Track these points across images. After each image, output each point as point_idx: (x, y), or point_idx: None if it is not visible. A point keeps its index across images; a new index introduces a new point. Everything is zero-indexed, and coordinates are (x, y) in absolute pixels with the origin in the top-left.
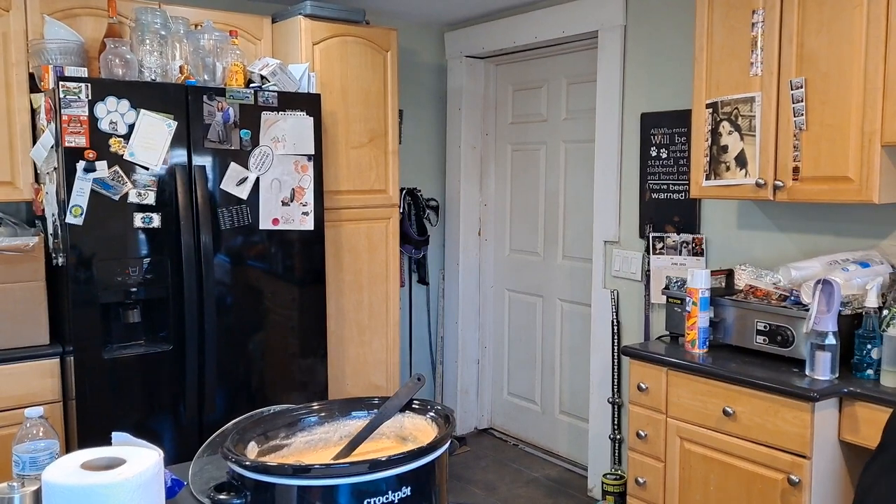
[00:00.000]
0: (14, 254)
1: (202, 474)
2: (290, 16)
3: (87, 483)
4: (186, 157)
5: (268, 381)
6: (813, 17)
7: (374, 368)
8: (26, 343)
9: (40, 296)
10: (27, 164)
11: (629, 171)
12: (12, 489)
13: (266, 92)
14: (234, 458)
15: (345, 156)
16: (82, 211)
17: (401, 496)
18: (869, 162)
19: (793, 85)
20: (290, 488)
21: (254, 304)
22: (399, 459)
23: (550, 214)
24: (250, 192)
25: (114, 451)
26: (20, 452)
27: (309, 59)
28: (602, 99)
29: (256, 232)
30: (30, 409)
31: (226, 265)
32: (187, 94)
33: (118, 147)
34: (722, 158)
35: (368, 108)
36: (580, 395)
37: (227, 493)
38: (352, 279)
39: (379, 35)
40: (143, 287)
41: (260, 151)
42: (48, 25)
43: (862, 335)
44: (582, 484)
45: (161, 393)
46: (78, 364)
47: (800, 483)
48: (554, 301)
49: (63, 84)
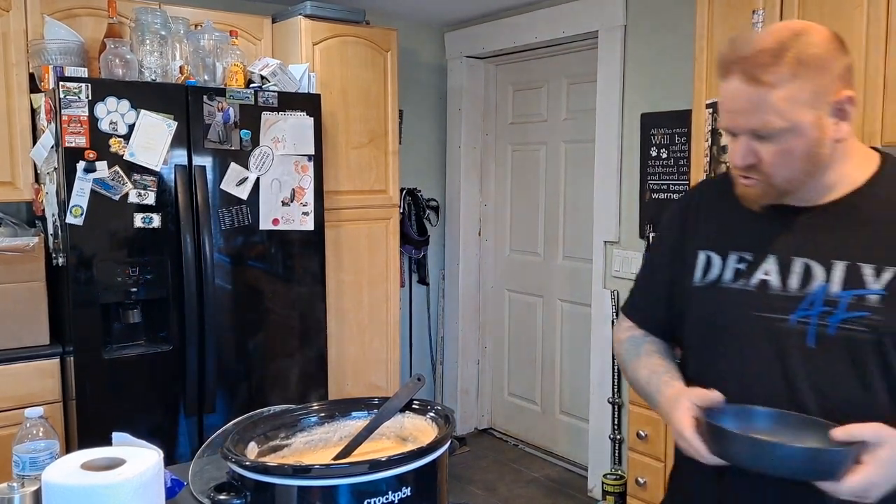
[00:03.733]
0: (14, 254)
1: (202, 474)
2: (291, 16)
3: (87, 483)
4: (186, 158)
5: (268, 382)
6: (813, 17)
7: (374, 368)
8: (26, 343)
9: (40, 296)
10: (27, 165)
11: (629, 171)
12: (12, 489)
13: (266, 92)
14: (234, 458)
15: (345, 156)
16: (82, 211)
17: (401, 496)
18: None
19: None
20: (290, 488)
21: (254, 305)
22: (399, 460)
23: (550, 214)
24: (250, 193)
25: (114, 451)
26: (20, 453)
27: (309, 60)
28: (602, 99)
29: (256, 232)
30: (30, 409)
31: (226, 265)
32: (187, 94)
33: (118, 147)
34: (722, 159)
35: (368, 108)
36: (580, 395)
37: (227, 494)
38: (352, 279)
39: (379, 35)
40: (143, 287)
41: (260, 152)
42: (48, 25)
43: None
44: (582, 484)
45: (161, 393)
46: (78, 364)
47: None
48: (554, 301)
49: (63, 84)
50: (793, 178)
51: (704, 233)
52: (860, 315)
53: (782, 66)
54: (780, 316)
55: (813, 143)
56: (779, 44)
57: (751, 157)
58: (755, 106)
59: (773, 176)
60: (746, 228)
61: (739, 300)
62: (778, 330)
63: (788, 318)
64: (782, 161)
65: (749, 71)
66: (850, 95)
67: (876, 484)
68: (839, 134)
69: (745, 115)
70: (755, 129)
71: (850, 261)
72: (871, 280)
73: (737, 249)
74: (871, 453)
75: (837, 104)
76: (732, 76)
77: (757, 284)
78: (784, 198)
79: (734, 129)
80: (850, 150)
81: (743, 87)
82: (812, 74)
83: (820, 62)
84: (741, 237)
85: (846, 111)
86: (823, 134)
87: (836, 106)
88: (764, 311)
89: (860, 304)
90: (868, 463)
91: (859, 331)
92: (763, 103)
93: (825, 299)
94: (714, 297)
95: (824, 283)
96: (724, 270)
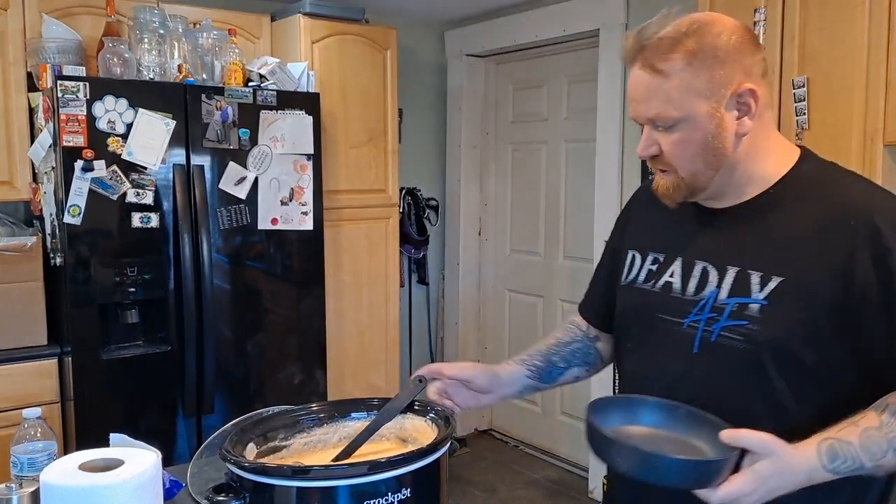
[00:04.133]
0: (12, 254)
1: (201, 475)
2: (290, 14)
3: (85, 484)
4: (185, 157)
5: (267, 382)
6: (815, 16)
7: (373, 369)
8: (24, 343)
9: (38, 296)
10: (25, 164)
11: (630, 170)
12: (10, 490)
13: (265, 91)
14: (232, 459)
15: (344, 155)
16: (80, 210)
17: (400, 498)
18: (871, 161)
19: (795, 84)
20: (289, 490)
21: (253, 305)
22: (399, 461)
23: (551, 214)
24: (249, 192)
25: (112, 452)
26: (18, 453)
27: (308, 58)
28: (603, 98)
29: (255, 232)
30: (27, 409)
31: (224, 265)
32: (186, 93)
33: (116, 146)
34: None
35: (368, 107)
36: (581, 395)
37: (225, 495)
38: (351, 279)
39: (378, 34)
40: (141, 287)
41: (259, 151)
42: (46, 24)
43: None
44: (583, 485)
45: (159, 394)
46: (76, 365)
47: None
48: (555, 301)
49: (61, 83)
50: (696, 171)
51: (635, 232)
52: (739, 324)
53: (677, 54)
54: (676, 319)
55: (711, 136)
56: (678, 33)
57: (652, 147)
58: (651, 94)
59: (677, 168)
60: (666, 230)
61: (646, 301)
62: (672, 333)
63: (682, 321)
64: (681, 152)
65: (647, 59)
66: (752, 88)
67: (747, 495)
68: (742, 129)
69: (643, 103)
70: (652, 119)
71: (741, 267)
72: (757, 289)
73: (653, 250)
74: (750, 464)
75: (738, 97)
76: (635, 65)
77: (661, 286)
78: (697, 195)
79: (636, 119)
80: (768, 148)
81: (642, 76)
82: (708, 65)
83: (719, 53)
84: (659, 238)
85: (749, 105)
86: (722, 127)
87: (736, 99)
88: (663, 313)
89: (741, 313)
90: (744, 474)
91: (737, 339)
92: (658, 91)
93: (713, 305)
94: (630, 297)
95: (716, 288)
96: (641, 270)
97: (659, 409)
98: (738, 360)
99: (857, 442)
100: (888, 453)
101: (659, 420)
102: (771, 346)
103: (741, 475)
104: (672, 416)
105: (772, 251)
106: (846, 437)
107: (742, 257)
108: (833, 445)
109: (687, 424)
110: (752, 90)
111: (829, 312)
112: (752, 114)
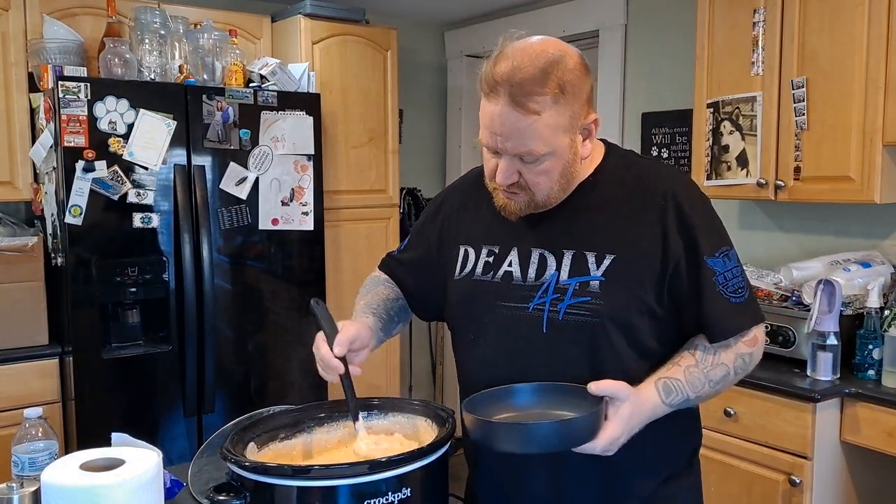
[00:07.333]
0: (13, 254)
1: (201, 475)
2: (290, 15)
3: (86, 484)
4: (186, 157)
5: (267, 382)
6: (814, 16)
7: (373, 368)
8: (25, 343)
9: (39, 296)
10: (26, 164)
11: None
12: (11, 490)
13: (265, 91)
14: (233, 458)
15: (344, 155)
16: (81, 211)
17: (401, 497)
18: (870, 161)
19: (794, 84)
20: (290, 489)
21: (253, 305)
22: (399, 460)
23: None
24: (250, 192)
25: (113, 451)
26: (19, 453)
27: (309, 59)
28: (603, 98)
29: (256, 232)
30: (29, 409)
31: (225, 265)
32: (186, 93)
33: (117, 147)
34: (723, 158)
35: (368, 107)
36: None
37: (226, 494)
38: (351, 279)
39: (379, 34)
40: (142, 287)
41: (259, 151)
42: (47, 25)
43: (863, 335)
44: None
45: (160, 393)
46: (77, 364)
47: (801, 484)
48: None
49: (62, 84)
50: (551, 194)
51: (464, 229)
52: (583, 300)
53: (546, 92)
54: (521, 305)
55: (568, 164)
56: (543, 71)
57: (514, 176)
58: (522, 133)
59: (535, 193)
60: (497, 225)
61: (488, 291)
62: (519, 318)
63: (527, 306)
64: (542, 180)
65: (517, 97)
66: (597, 119)
67: (619, 437)
68: (586, 152)
69: (512, 139)
70: (520, 154)
71: (576, 249)
72: (594, 267)
73: (487, 244)
74: (615, 411)
75: (586, 127)
76: (499, 98)
77: (502, 276)
78: (543, 210)
79: (500, 151)
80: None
81: (511, 112)
82: (570, 100)
83: (575, 88)
84: (493, 232)
85: (591, 131)
86: (576, 154)
87: (585, 128)
88: (507, 301)
89: (583, 291)
90: (613, 420)
91: (583, 315)
92: (529, 130)
93: (556, 287)
94: (469, 289)
95: (555, 271)
96: (477, 263)
97: (525, 392)
98: (587, 333)
99: (683, 378)
100: (705, 385)
101: (528, 402)
102: (613, 316)
103: (612, 422)
104: (538, 395)
105: (600, 233)
106: (674, 375)
107: (574, 241)
108: (667, 383)
109: (553, 398)
110: (597, 120)
111: (655, 283)
112: (592, 137)
